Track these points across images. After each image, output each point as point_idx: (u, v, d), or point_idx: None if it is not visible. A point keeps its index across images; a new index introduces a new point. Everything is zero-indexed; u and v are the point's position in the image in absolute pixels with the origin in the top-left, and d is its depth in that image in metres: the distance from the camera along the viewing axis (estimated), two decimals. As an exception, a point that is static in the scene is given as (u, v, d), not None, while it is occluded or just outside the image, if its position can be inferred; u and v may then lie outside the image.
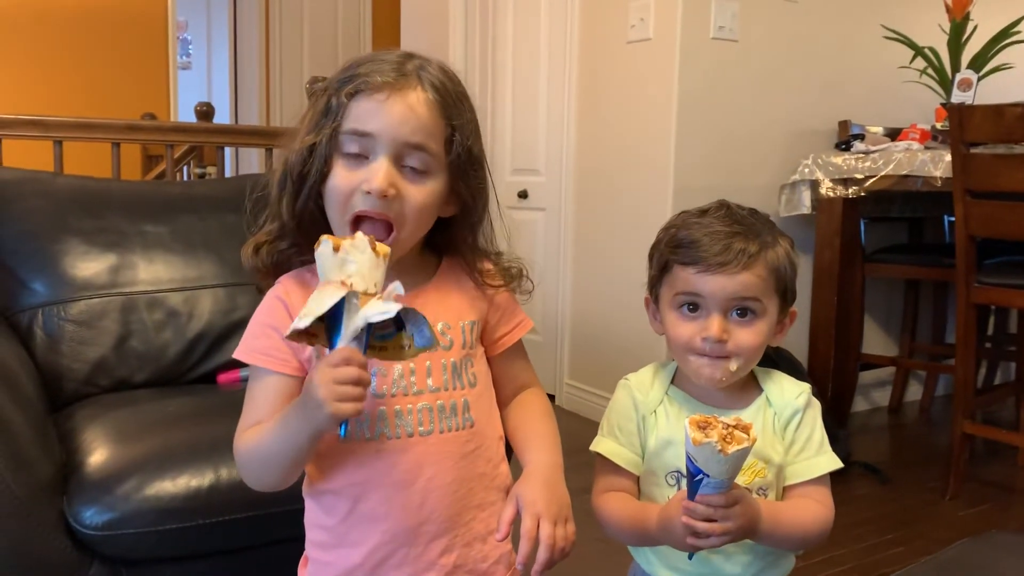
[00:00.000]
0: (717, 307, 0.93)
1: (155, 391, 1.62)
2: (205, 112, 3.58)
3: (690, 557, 0.92)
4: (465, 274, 1.00)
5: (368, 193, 0.87)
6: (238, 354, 0.94)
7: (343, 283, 0.77)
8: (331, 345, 0.79)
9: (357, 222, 0.89)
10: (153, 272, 1.72)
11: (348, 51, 5.50)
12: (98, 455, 1.29)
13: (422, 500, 0.92)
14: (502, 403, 1.04)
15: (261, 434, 0.88)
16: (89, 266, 1.68)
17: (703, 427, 0.81)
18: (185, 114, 5.04)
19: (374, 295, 0.78)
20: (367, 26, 5.62)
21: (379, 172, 0.86)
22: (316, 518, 0.96)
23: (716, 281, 0.92)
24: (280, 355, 0.92)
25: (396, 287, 0.79)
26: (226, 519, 1.26)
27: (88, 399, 1.57)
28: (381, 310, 0.77)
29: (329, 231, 0.92)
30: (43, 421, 1.40)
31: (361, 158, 0.88)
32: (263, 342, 0.92)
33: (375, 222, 0.89)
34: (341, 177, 0.89)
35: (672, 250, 0.96)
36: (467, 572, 0.95)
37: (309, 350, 0.91)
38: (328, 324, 0.79)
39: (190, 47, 6.45)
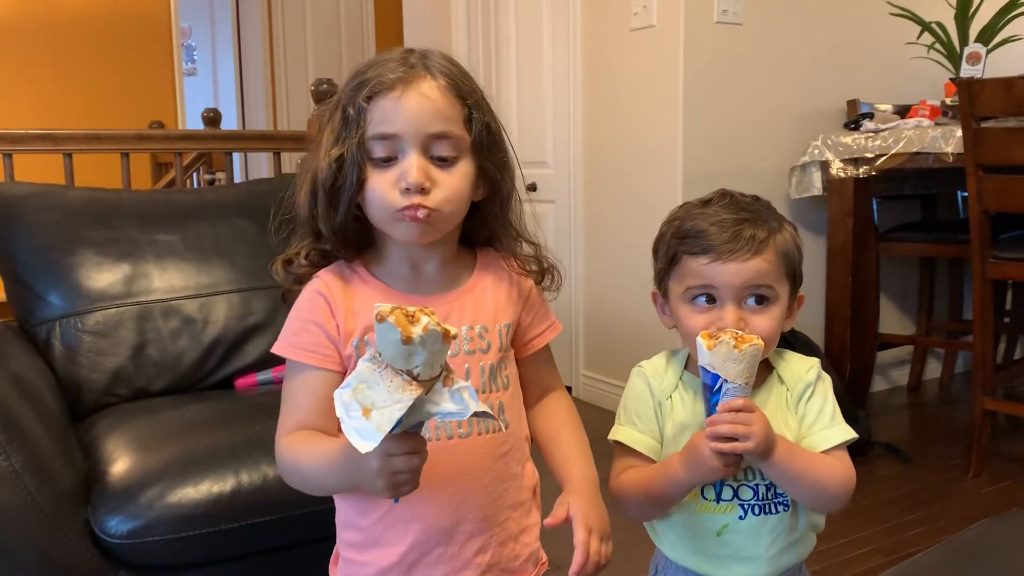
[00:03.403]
0: (731, 296, 0.93)
1: (174, 399, 1.63)
2: (212, 118, 3.60)
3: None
4: (501, 266, 1.01)
5: (407, 190, 0.88)
6: (278, 349, 0.94)
7: (410, 374, 0.72)
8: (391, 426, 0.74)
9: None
10: (167, 280, 1.74)
11: (352, 51, 5.50)
12: (120, 464, 1.30)
13: (461, 500, 0.93)
14: (527, 404, 1.05)
15: (309, 458, 0.89)
16: (103, 277, 1.69)
17: (713, 337, 0.87)
18: (192, 120, 5.07)
19: (438, 377, 0.74)
20: (370, 25, 5.62)
21: (412, 167, 0.88)
22: (349, 519, 0.97)
23: (729, 269, 0.92)
24: (323, 351, 0.92)
25: (468, 388, 0.75)
26: (250, 523, 1.27)
27: (108, 409, 1.58)
28: (449, 410, 0.73)
29: (367, 237, 0.95)
30: (65, 432, 1.41)
31: (391, 160, 0.89)
32: (304, 337, 0.93)
33: (416, 219, 0.89)
34: (377, 180, 0.89)
35: (680, 241, 0.96)
36: (501, 571, 0.97)
37: (350, 347, 0.92)
38: None
39: (195, 53, 6.47)
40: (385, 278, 0.96)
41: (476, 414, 0.74)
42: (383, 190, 0.89)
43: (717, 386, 0.87)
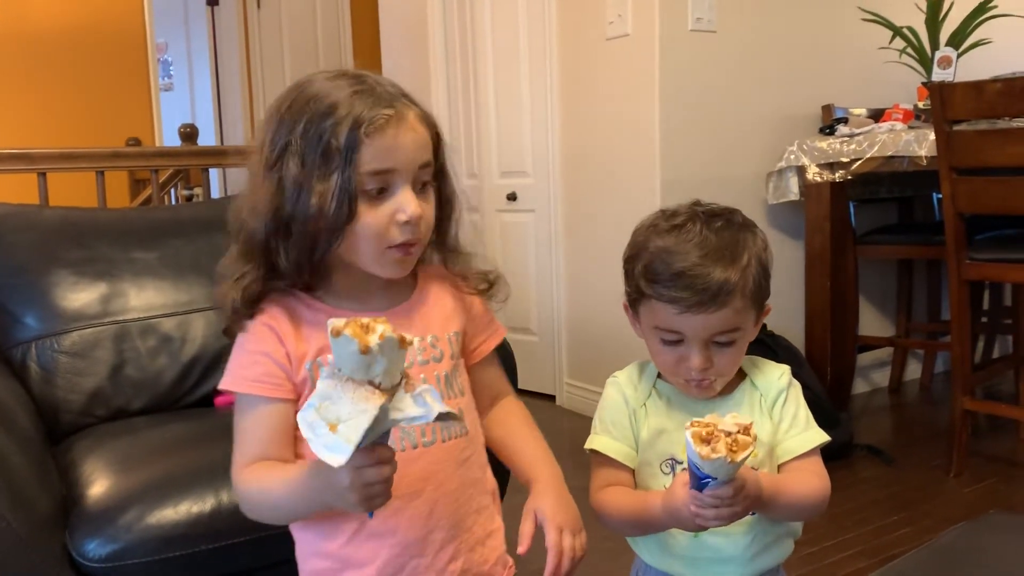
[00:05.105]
0: (698, 341, 0.94)
1: (153, 418, 1.62)
2: (189, 134, 3.58)
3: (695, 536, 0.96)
4: (445, 281, 1.03)
5: (406, 223, 0.89)
6: (226, 384, 0.93)
7: (371, 384, 0.72)
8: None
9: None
10: (144, 299, 1.72)
11: (329, 64, 5.49)
12: (98, 486, 1.29)
13: (430, 509, 0.94)
14: (480, 412, 1.07)
15: (272, 487, 0.88)
16: (79, 297, 1.68)
17: (707, 440, 0.81)
18: (170, 135, 5.04)
19: (399, 384, 0.74)
20: (347, 38, 5.62)
21: (410, 201, 0.89)
22: (314, 547, 0.95)
23: (696, 321, 0.92)
24: (273, 380, 0.92)
25: (430, 390, 0.76)
26: (230, 543, 1.25)
27: (86, 430, 1.56)
28: (413, 414, 0.73)
29: (327, 268, 0.93)
30: (42, 456, 1.39)
31: (381, 191, 0.89)
32: (254, 370, 0.92)
33: (409, 254, 0.92)
34: (372, 215, 0.89)
35: (648, 283, 0.94)
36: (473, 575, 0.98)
37: (303, 371, 0.91)
38: None
39: (171, 68, 6.43)
40: (331, 301, 0.95)
41: (440, 416, 0.74)
42: (382, 225, 0.89)
43: (706, 480, 0.84)
